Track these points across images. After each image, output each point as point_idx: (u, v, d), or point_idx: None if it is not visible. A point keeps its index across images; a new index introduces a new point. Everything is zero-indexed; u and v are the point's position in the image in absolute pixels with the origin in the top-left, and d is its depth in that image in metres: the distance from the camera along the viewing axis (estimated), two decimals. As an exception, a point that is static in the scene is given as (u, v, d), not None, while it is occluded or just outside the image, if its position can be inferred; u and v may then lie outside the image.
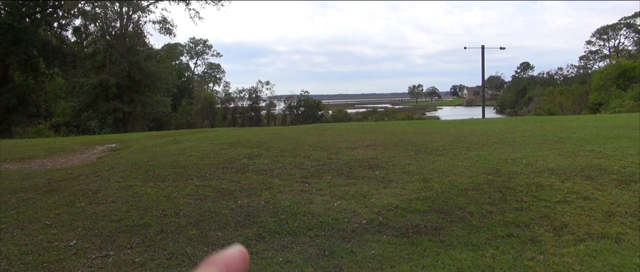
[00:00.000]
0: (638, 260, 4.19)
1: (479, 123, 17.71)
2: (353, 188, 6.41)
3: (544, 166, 7.44)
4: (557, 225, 5.05)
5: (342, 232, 4.84)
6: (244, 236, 4.80)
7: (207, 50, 73.39)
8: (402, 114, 67.64)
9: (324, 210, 5.46)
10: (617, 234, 4.82)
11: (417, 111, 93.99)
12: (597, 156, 8.22)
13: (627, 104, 39.24)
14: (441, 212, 5.42)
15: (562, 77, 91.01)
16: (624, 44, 79.41)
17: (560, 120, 18.23)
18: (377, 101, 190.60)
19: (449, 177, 6.88)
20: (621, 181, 6.57)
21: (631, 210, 5.47)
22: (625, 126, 13.28)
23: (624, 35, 79.05)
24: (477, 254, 4.35)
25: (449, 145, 9.92)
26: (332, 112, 64.96)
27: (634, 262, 4.14)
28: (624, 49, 78.45)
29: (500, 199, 5.86)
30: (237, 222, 5.17)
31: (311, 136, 12.46)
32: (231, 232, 4.94)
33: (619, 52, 77.71)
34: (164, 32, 36.19)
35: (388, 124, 20.14)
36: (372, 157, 8.56)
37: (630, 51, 75.23)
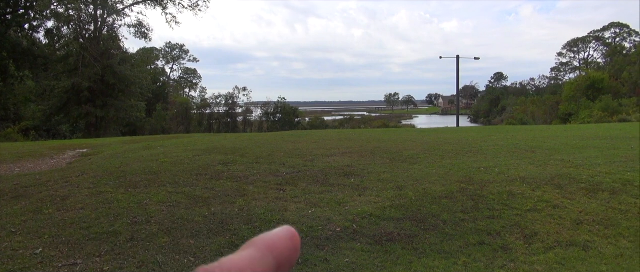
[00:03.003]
0: (605, 268, 4.29)
1: (454, 132, 17.95)
2: (328, 196, 6.40)
3: (516, 175, 7.58)
4: (528, 233, 5.13)
5: (317, 240, 4.82)
6: (217, 244, 4.74)
7: (183, 55, 72.71)
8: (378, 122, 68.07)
9: (299, 217, 5.44)
10: (585, 242, 4.92)
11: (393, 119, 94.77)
12: (567, 165, 8.42)
13: (595, 115, 40.36)
14: (415, 220, 5.45)
15: (534, 87, 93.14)
16: (593, 56, 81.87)
17: (531, 130, 18.63)
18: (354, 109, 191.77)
19: (423, 186, 6.94)
20: (589, 190, 6.73)
21: (598, 218, 5.60)
22: (594, 137, 13.64)
23: (594, 48, 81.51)
24: (449, 262, 4.38)
25: (424, 153, 10.02)
26: (309, 119, 64.93)
27: (601, 270, 4.23)
28: (593, 61, 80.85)
29: (472, 207, 5.93)
30: (210, 230, 5.10)
31: (287, 142, 12.42)
32: (204, 240, 4.87)
33: (589, 64, 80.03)
34: (139, 36, 35.67)
35: (364, 132, 20.24)
36: (347, 165, 8.57)
37: (599, 63, 77.56)
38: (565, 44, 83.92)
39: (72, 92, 30.71)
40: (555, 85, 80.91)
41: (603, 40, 79.68)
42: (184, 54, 72.73)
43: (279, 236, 0.40)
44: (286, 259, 0.40)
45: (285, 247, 0.40)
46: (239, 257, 0.37)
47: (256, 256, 0.38)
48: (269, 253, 0.38)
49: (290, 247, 0.40)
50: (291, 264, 0.41)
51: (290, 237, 0.41)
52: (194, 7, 35.03)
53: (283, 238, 0.40)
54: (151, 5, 35.04)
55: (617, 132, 15.98)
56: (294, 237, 0.41)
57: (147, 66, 46.49)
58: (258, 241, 0.39)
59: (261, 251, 0.38)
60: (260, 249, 0.38)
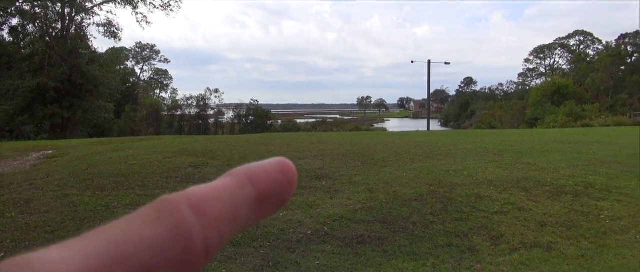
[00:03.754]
0: (567, 268, 4.43)
1: (424, 135, 18.21)
2: (299, 198, 6.41)
3: (483, 178, 7.75)
4: (494, 235, 5.26)
5: (287, 243, 4.82)
6: (187, 247, 4.69)
7: (154, 56, 71.57)
8: (350, 125, 68.45)
9: (270, 220, 5.43)
10: (549, 243, 5.08)
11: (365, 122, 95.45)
12: (532, 168, 8.65)
13: (560, 120, 41.59)
14: (385, 222, 5.51)
15: (502, 92, 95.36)
16: (559, 63, 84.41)
17: (499, 134, 19.06)
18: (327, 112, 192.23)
19: (394, 188, 7.02)
20: (553, 192, 6.94)
21: (561, 220, 5.78)
22: (558, 141, 14.07)
23: (559, 54, 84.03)
24: (418, 263, 4.45)
25: (395, 156, 10.14)
26: (281, 122, 64.75)
27: (563, 270, 4.37)
28: (558, 67, 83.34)
29: (441, 209, 6.04)
30: (179, 233, 5.04)
31: (259, 145, 12.38)
32: (173, 243, 4.81)
33: (554, 70, 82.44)
34: (108, 35, 34.93)
35: (336, 135, 20.34)
36: (319, 168, 8.60)
37: (564, 70, 79.98)
38: (532, 51, 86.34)
39: (37, 92, 29.83)
40: (522, 91, 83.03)
41: (568, 48, 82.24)
42: (155, 55, 71.63)
43: (265, 167, 0.33)
44: (273, 192, 0.32)
45: (272, 178, 0.33)
46: (209, 186, 0.31)
47: (231, 185, 0.31)
48: (248, 183, 0.31)
49: (279, 179, 0.33)
50: (282, 199, 0.33)
51: (281, 169, 0.33)
52: (166, 7, 34.57)
53: (271, 170, 0.33)
54: (121, 5, 34.40)
55: (580, 136, 16.51)
56: (285, 168, 0.33)
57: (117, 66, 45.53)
58: (238, 170, 0.32)
59: (238, 180, 0.31)
60: (237, 178, 0.32)
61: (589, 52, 78.00)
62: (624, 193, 7.03)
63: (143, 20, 34.91)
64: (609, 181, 7.67)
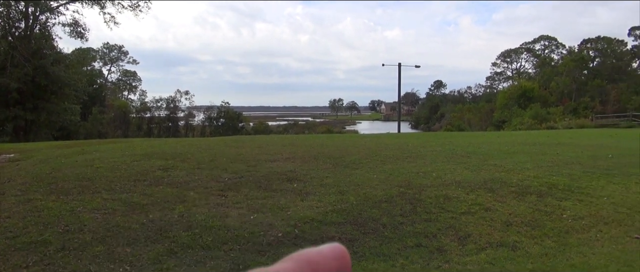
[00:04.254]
0: (531, 266, 4.56)
1: (395, 138, 18.42)
2: (270, 201, 6.39)
3: (452, 179, 7.90)
4: (462, 235, 5.36)
5: (258, 246, 4.80)
6: (155, 252, 4.61)
7: (122, 57, 70.06)
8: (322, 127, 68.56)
9: (240, 223, 5.40)
10: (514, 242, 5.21)
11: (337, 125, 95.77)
12: (499, 169, 8.86)
13: (526, 122, 42.69)
14: (356, 224, 5.56)
15: (471, 95, 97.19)
16: (525, 66, 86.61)
17: (468, 136, 19.46)
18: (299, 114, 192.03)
19: (364, 190, 7.08)
20: (518, 193, 7.13)
21: (526, 220, 5.95)
22: (524, 143, 14.44)
23: (525, 59, 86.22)
24: (388, 264, 4.51)
25: (366, 158, 10.22)
26: (253, 124, 64.36)
27: (528, 268, 4.49)
28: (524, 71, 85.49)
29: (411, 210, 6.12)
30: (147, 237, 4.96)
31: (230, 147, 12.28)
32: (141, 247, 4.73)
33: (520, 74, 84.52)
34: (75, 35, 34.00)
35: (308, 137, 20.36)
36: (290, 170, 8.60)
37: (530, 74, 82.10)
38: (500, 55, 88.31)
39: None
40: (490, 94, 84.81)
41: (533, 52, 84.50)
42: (123, 56, 70.13)
43: (323, 253, 0.35)
44: None
45: (330, 266, 0.34)
46: (275, 270, 0.33)
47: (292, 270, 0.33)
48: (308, 270, 0.33)
49: (336, 267, 0.34)
50: None
51: (338, 256, 0.35)
52: (135, 8, 33.89)
53: (328, 256, 0.35)
54: (88, 4, 33.57)
55: (545, 138, 17.00)
56: (342, 256, 0.35)
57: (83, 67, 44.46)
58: (298, 255, 0.34)
59: (300, 267, 0.33)
60: (299, 265, 0.33)
61: (553, 57, 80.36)
62: (585, 193, 7.27)
63: (111, 20, 34.15)
64: (571, 182, 7.93)
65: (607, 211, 6.44)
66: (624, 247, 5.16)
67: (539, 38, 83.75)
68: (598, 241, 5.38)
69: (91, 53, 60.04)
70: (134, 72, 72.28)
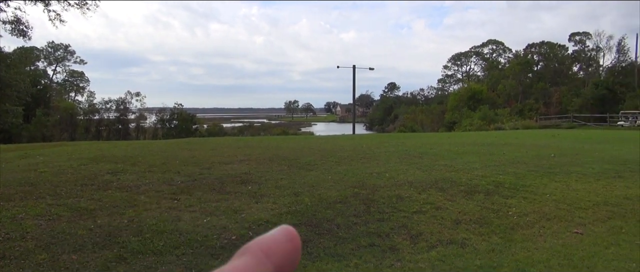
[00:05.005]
0: (479, 262, 4.72)
1: (349, 139, 18.61)
2: (224, 204, 6.32)
3: (404, 179, 8.07)
4: (414, 233, 5.49)
5: (211, 249, 4.74)
6: (103, 258, 4.46)
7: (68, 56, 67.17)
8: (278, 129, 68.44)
9: (193, 227, 5.31)
10: (463, 239, 5.38)
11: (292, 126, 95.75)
12: (449, 169, 9.13)
13: (475, 123, 44.16)
14: (310, 225, 5.58)
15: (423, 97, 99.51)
16: (474, 69, 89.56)
17: (420, 137, 19.92)
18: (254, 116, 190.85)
19: (319, 191, 7.12)
20: (467, 191, 7.37)
21: (474, 218, 6.16)
22: (473, 143, 14.94)
23: (474, 62, 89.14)
24: (342, 264, 4.55)
25: (321, 160, 10.28)
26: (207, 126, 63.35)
27: (475, 264, 4.65)
28: (473, 74, 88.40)
29: (364, 211, 6.21)
30: (95, 244, 4.79)
31: (183, 150, 12.06)
32: (88, 254, 4.56)
33: (470, 76, 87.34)
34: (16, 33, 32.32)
35: (263, 139, 20.25)
36: (245, 172, 8.53)
37: (479, 76, 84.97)
38: (450, 58, 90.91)
39: None
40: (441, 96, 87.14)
41: (482, 55, 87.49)
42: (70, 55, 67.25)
43: (275, 238, 0.35)
44: (287, 262, 0.35)
45: (284, 250, 0.35)
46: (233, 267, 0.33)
47: (252, 264, 0.33)
48: (265, 259, 0.34)
49: (290, 249, 0.36)
50: (293, 267, 0.36)
51: (289, 238, 0.36)
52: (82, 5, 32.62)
53: (280, 240, 0.36)
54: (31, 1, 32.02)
55: (492, 139, 17.65)
56: (292, 237, 0.36)
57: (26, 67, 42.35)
58: (252, 246, 0.35)
59: (257, 258, 0.34)
60: (255, 256, 0.34)
61: (500, 60, 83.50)
62: (529, 191, 7.61)
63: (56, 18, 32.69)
64: (517, 180, 8.28)
65: (550, 207, 6.77)
66: (565, 242, 5.44)
67: (487, 42, 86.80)
68: (541, 236, 5.64)
69: (35, 52, 57.27)
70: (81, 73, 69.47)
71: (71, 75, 68.56)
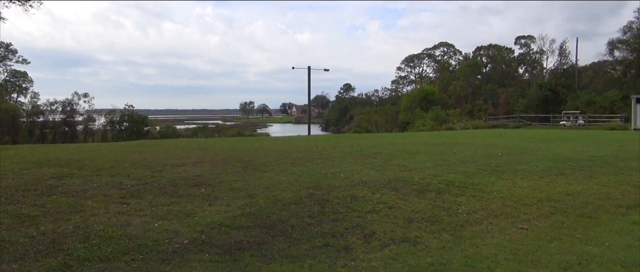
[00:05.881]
0: (430, 259, 4.84)
1: (305, 140, 18.64)
2: (176, 207, 6.19)
3: (359, 179, 8.17)
4: (367, 233, 5.56)
5: (162, 254, 4.62)
6: (46, 267, 4.27)
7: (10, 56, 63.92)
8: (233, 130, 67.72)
9: (143, 232, 5.17)
10: (415, 237, 5.50)
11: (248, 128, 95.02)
12: (402, 169, 9.31)
13: (428, 124, 45.24)
14: (264, 227, 5.55)
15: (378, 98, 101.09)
16: (426, 71, 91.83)
17: (374, 138, 20.21)
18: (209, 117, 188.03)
19: (274, 192, 7.09)
20: (419, 190, 7.54)
21: (426, 216, 6.31)
22: (425, 143, 15.29)
23: (426, 64, 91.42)
24: (296, 265, 4.55)
25: (276, 161, 10.25)
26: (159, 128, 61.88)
27: (427, 261, 4.77)
28: (426, 75, 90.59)
29: (319, 211, 6.24)
30: (38, 252, 4.58)
31: (134, 153, 11.72)
32: (30, 263, 4.35)
33: (423, 78, 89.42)
34: (-50, 31, 30.45)
35: (217, 141, 19.97)
36: (198, 175, 8.39)
37: (431, 78, 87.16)
38: (404, 59, 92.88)
39: None
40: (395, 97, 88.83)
41: (434, 57, 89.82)
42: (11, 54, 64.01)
43: None
44: None
45: None
46: None
47: None
48: None
49: None
50: None
51: None
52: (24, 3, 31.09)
53: None
54: (-34, -3, 30.21)
55: (444, 139, 18.14)
56: None
57: (-38, 67, 39.97)
58: None
59: None
60: None
61: (451, 62, 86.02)
62: (478, 188, 7.87)
63: (-5, 15, 31.01)
64: (467, 179, 8.54)
65: (497, 204, 7.03)
66: (511, 237, 5.66)
67: (438, 44, 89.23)
68: (489, 232, 5.84)
69: (-29, 51, 54.16)
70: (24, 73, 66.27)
71: (13, 76, 65.27)
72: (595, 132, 27.29)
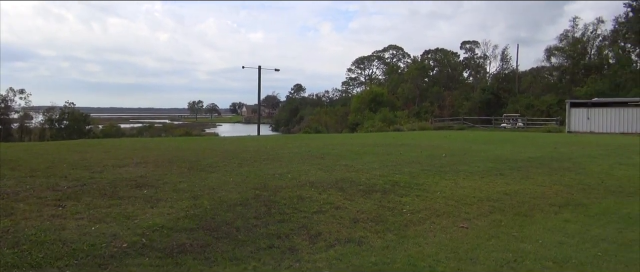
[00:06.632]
0: (374, 259, 4.90)
1: (254, 140, 18.47)
2: (116, 209, 5.95)
3: (306, 180, 8.16)
4: (313, 233, 5.57)
5: (99, 259, 4.43)
6: (-30, 275, 3.99)
7: None
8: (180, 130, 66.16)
9: (79, 236, 4.93)
10: (360, 238, 5.56)
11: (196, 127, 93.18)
12: (349, 169, 9.40)
13: (377, 125, 45.98)
14: (208, 229, 5.43)
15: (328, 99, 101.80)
16: (376, 73, 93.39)
17: (323, 138, 20.30)
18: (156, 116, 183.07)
19: (219, 194, 6.97)
20: (366, 191, 7.64)
21: (371, 216, 6.39)
22: (373, 144, 15.52)
23: (376, 66, 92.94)
24: (239, 267, 4.49)
25: (223, 161, 10.08)
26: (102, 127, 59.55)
27: (371, 261, 4.83)
28: (375, 77, 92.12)
29: (265, 212, 6.18)
30: (-39, 259, 4.27)
31: (72, 152, 11.20)
32: (-49, 271, 4.06)
33: (372, 80, 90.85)
34: None
35: (163, 140, 19.43)
36: (141, 176, 8.11)
37: (381, 80, 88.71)
38: (354, 61, 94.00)
39: None
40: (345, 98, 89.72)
41: (383, 60, 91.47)
42: (-63, 47, 59.68)
43: None
44: None
45: None
46: None
47: None
48: None
49: None
50: None
51: None
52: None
53: None
54: None
55: (391, 140, 18.48)
56: None
57: None
58: None
59: None
60: None
61: (400, 65, 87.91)
62: (422, 189, 8.07)
63: None
64: (411, 179, 8.73)
65: (440, 204, 7.23)
66: (452, 236, 5.83)
67: (388, 47, 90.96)
68: (431, 231, 6.00)
69: None
70: (-48, 67, 61.89)
71: (-61, 69, 60.83)
72: (533, 134, 28.66)
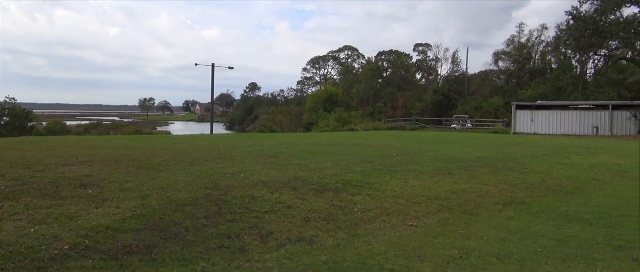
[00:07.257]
0: (324, 257, 4.93)
1: (207, 139, 18.18)
2: (58, 210, 5.70)
3: (258, 179, 8.11)
4: (264, 233, 5.54)
5: (38, 262, 4.23)
6: None
7: None
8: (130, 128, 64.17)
9: (16, 238, 4.69)
10: (311, 237, 5.58)
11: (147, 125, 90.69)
12: (302, 169, 9.41)
13: (331, 125, 46.28)
14: (156, 230, 5.30)
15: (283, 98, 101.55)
16: (331, 73, 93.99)
17: (277, 138, 20.24)
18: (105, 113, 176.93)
19: (169, 193, 6.81)
20: (318, 190, 7.67)
21: (323, 215, 6.43)
22: (327, 144, 15.61)
23: (331, 66, 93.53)
24: (188, 269, 4.40)
25: (173, 160, 9.86)
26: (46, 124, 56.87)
27: (321, 260, 4.85)
28: (330, 77, 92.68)
29: (216, 212, 6.09)
30: None
31: (12, 150, 10.65)
32: None
33: (327, 80, 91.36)
34: None
35: (111, 139, 18.79)
36: (86, 175, 7.81)
37: (336, 80, 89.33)
38: (310, 61, 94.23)
39: None
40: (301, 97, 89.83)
41: (339, 60, 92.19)
42: None
43: None
44: None
45: None
46: None
47: None
48: None
49: None
50: None
51: None
52: None
53: None
54: None
55: (345, 139, 18.65)
56: None
57: None
58: None
59: None
60: None
61: (355, 66, 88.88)
62: (374, 188, 8.18)
63: None
64: (363, 178, 8.84)
65: (390, 203, 7.36)
66: (401, 234, 5.95)
67: (343, 48, 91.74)
68: (382, 230, 6.09)
69: None
70: None
71: None
72: (481, 135, 29.69)
